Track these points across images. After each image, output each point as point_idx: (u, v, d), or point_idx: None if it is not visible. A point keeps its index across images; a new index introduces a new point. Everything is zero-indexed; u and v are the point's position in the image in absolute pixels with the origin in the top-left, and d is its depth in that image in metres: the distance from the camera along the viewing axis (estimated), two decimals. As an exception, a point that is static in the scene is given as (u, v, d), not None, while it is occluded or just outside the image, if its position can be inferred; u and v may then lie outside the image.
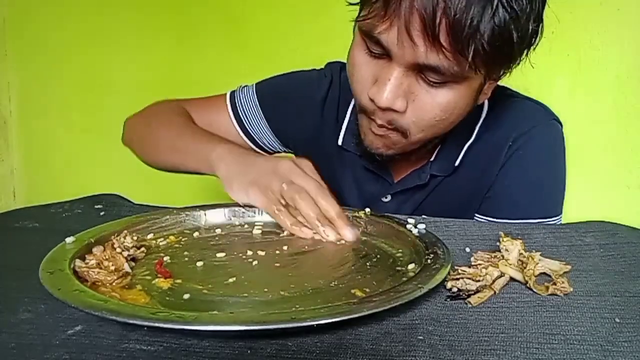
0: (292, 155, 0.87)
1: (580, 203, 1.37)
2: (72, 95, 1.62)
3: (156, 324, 0.36)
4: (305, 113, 0.83)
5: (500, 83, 0.69)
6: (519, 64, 0.64)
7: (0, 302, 0.43)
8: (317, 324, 0.37)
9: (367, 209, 0.64)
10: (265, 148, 0.87)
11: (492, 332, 0.39)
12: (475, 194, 0.75)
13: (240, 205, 0.65)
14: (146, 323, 0.36)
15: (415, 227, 0.57)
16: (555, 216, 0.73)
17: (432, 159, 0.75)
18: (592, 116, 1.32)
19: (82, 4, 1.56)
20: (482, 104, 0.72)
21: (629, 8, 1.26)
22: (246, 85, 0.88)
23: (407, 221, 0.59)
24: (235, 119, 0.85)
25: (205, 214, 0.64)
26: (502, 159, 0.73)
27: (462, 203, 0.74)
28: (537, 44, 0.62)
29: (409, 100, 0.61)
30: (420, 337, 0.39)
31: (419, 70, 0.59)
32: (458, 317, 0.42)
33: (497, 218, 0.72)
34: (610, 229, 0.60)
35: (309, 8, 1.37)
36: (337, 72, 0.84)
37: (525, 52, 0.61)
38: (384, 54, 0.60)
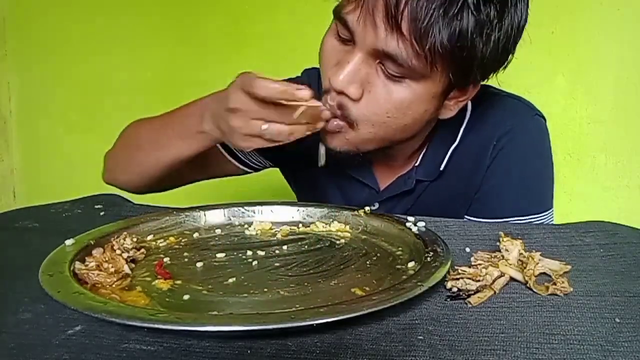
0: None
1: (580, 203, 1.38)
2: (72, 95, 1.62)
3: (156, 325, 0.36)
4: None
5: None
6: (486, 80, 0.64)
7: (0, 302, 0.43)
8: (317, 324, 0.37)
9: (367, 208, 0.64)
10: (252, 165, 0.85)
11: (492, 332, 0.39)
12: (463, 196, 0.75)
13: (241, 205, 0.65)
14: (146, 324, 0.36)
15: (415, 225, 0.57)
16: (546, 211, 0.73)
17: (416, 163, 0.75)
18: (592, 116, 1.32)
19: (82, 5, 1.56)
20: (465, 106, 0.72)
21: (629, 8, 1.26)
22: None
23: (406, 219, 0.59)
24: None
25: (204, 215, 0.64)
26: (487, 159, 0.72)
27: (450, 206, 0.74)
28: (506, 66, 0.63)
29: (365, 90, 0.61)
30: (420, 337, 0.39)
31: (380, 59, 0.59)
32: (458, 317, 0.42)
33: (487, 218, 0.72)
34: (610, 229, 0.60)
35: (309, 8, 1.37)
36: (314, 79, 0.82)
37: (493, 70, 0.62)
38: (350, 40, 0.61)
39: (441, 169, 0.73)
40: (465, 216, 0.75)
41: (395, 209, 0.77)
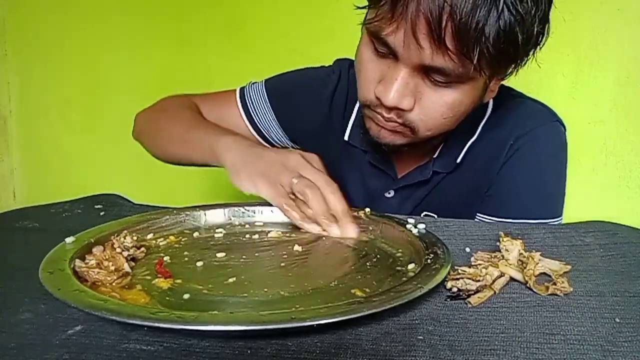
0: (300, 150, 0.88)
1: (580, 203, 1.37)
2: (72, 95, 1.62)
3: (156, 324, 0.36)
4: (313, 108, 0.84)
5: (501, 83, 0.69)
6: (525, 63, 0.64)
7: (0, 302, 0.43)
8: (317, 324, 0.37)
9: (367, 209, 0.64)
10: (273, 142, 0.89)
11: (492, 332, 0.39)
12: (477, 191, 0.75)
13: (241, 205, 0.65)
14: (146, 323, 0.36)
15: (415, 227, 0.57)
16: (555, 217, 0.74)
17: (435, 155, 0.76)
18: (592, 116, 1.32)
19: (82, 5, 1.56)
20: (487, 103, 0.73)
21: (629, 8, 1.26)
22: (255, 82, 0.89)
23: (407, 221, 0.59)
24: (245, 113, 0.86)
25: (205, 214, 0.64)
26: (503, 157, 0.73)
27: (463, 200, 0.75)
28: (544, 43, 0.63)
29: (416, 99, 0.62)
30: (420, 337, 0.39)
31: (425, 71, 0.60)
32: (458, 317, 0.42)
33: (497, 217, 0.72)
34: (610, 229, 0.60)
35: (309, 8, 1.37)
36: (345, 69, 0.85)
37: (532, 52, 0.62)
38: (391, 54, 0.61)
39: (458, 161, 0.74)
40: (477, 214, 0.75)
41: (410, 198, 0.78)
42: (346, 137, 0.81)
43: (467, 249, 0.55)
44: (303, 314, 0.38)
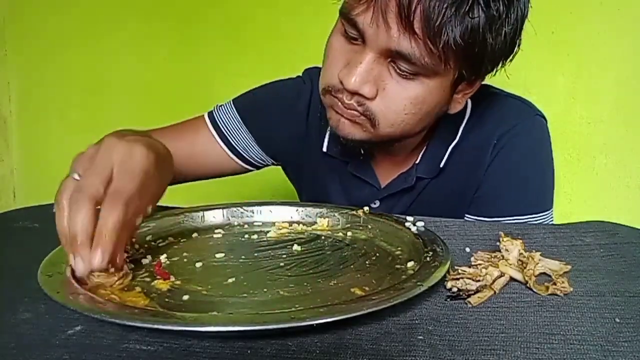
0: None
1: (580, 203, 1.38)
2: (71, 95, 1.62)
3: (156, 326, 0.36)
4: (289, 122, 0.82)
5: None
6: (494, 73, 0.64)
7: (0, 302, 0.43)
8: (317, 324, 0.37)
9: (366, 208, 0.64)
10: (254, 162, 0.85)
11: (492, 332, 0.39)
12: (463, 194, 0.75)
13: (240, 205, 0.65)
14: (146, 325, 0.36)
15: (414, 225, 0.57)
16: (546, 211, 0.73)
17: (417, 161, 0.75)
18: (592, 116, 1.32)
19: (82, 5, 1.56)
20: (466, 104, 0.72)
21: (629, 8, 1.26)
22: (222, 104, 0.85)
23: (405, 219, 0.59)
24: (219, 136, 0.81)
25: (203, 215, 0.64)
26: (487, 158, 0.73)
27: (450, 204, 0.74)
28: (513, 57, 0.63)
29: (379, 88, 0.61)
30: (420, 337, 0.39)
31: (391, 58, 0.59)
32: (458, 317, 0.42)
33: (487, 217, 0.72)
34: (610, 229, 0.60)
35: (309, 8, 1.37)
36: (316, 78, 0.81)
37: (501, 62, 0.63)
38: (360, 40, 0.60)
39: (441, 166, 0.74)
40: (466, 215, 0.75)
41: (396, 207, 0.77)
42: (324, 149, 0.79)
43: (467, 249, 0.55)
44: (303, 314, 0.38)
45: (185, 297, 0.44)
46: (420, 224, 0.57)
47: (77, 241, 0.42)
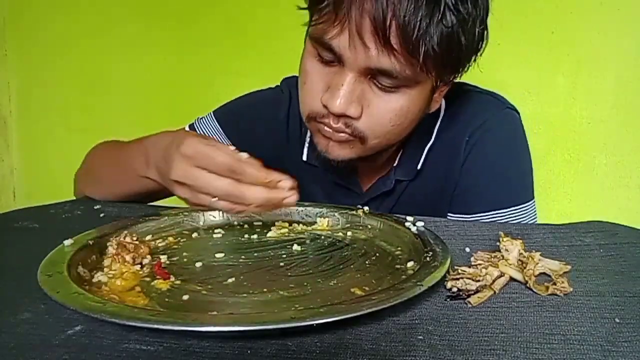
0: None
1: (580, 203, 1.38)
2: (71, 95, 1.62)
3: (156, 326, 0.36)
4: (270, 132, 0.82)
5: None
6: (467, 69, 0.65)
7: (0, 302, 0.43)
8: (316, 324, 0.37)
9: (366, 208, 0.64)
10: None
11: (492, 332, 0.39)
12: (443, 194, 0.75)
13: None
14: (146, 325, 0.36)
15: (414, 224, 0.57)
16: (527, 202, 0.73)
17: (395, 164, 0.76)
18: (592, 116, 1.32)
19: (82, 5, 1.56)
20: (439, 105, 0.72)
21: (629, 8, 1.26)
22: (202, 116, 0.85)
23: (405, 219, 0.59)
24: None
25: (203, 215, 0.64)
26: (461, 155, 0.73)
27: (431, 205, 0.74)
28: (483, 50, 0.63)
29: (363, 106, 0.62)
30: (420, 337, 0.39)
31: (372, 75, 0.60)
32: (458, 317, 0.42)
33: (469, 214, 0.72)
34: (610, 229, 0.60)
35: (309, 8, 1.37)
36: (294, 87, 0.81)
37: (474, 57, 0.63)
38: (336, 61, 0.61)
39: (418, 168, 0.74)
40: (448, 214, 0.75)
41: (378, 210, 0.77)
42: (304, 158, 0.79)
43: (467, 249, 0.55)
44: (303, 314, 0.38)
45: (185, 297, 0.44)
46: (420, 224, 0.57)
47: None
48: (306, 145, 0.79)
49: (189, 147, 0.51)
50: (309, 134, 0.80)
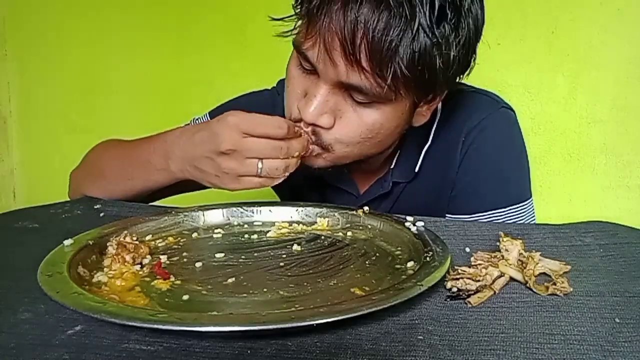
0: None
1: (580, 203, 1.38)
2: (72, 95, 1.62)
3: (155, 326, 0.36)
4: None
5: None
6: (450, 88, 0.64)
7: (0, 302, 0.43)
8: (317, 324, 0.37)
9: (366, 207, 0.64)
10: None
11: (492, 332, 0.39)
12: (440, 195, 0.75)
13: (239, 205, 0.65)
14: (146, 325, 0.36)
15: (414, 224, 0.57)
16: (524, 201, 0.73)
17: (392, 166, 0.76)
18: (592, 116, 1.32)
19: (82, 4, 1.56)
20: (437, 106, 0.72)
21: (629, 8, 1.26)
22: (198, 117, 0.86)
23: (405, 219, 0.59)
24: None
25: (203, 215, 0.64)
26: (458, 156, 0.73)
27: (429, 206, 0.74)
28: (469, 71, 0.63)
29: (336, 117, 0.62)
30: (420, 337, 0.39)
31: (345, 88, 0.60)
32: (458, 317, 0.42)
33: (466, 215, 0.72)
34: (610, 229, 0.60)
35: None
36: None
37: (457, 78, 0.63)
38: (314, 71, 0.61)
39: (416, 170, 0.74)
40: (446, 215, 0.75)
41: None
42: None
43: (467, 249, 0.55)
44: (303, 314, 0.38)
45: (185, 297, 0.44)
46: (420, 224, 0.57)
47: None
48: None
49: (234, 116, 0.58)
50: None
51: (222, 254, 0.54)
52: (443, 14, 0.55)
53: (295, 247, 0.56)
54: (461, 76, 0.63)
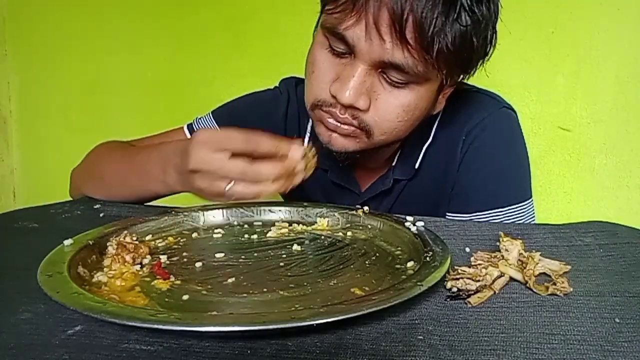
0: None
1: (580, 203, 1.38)
2: (72, 95, 1.62)
3: (155, 326, 0.36)
4: (268, 132, 0.82)
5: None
6: (474, 73, 0.66)
7: (0, 302, 0.43)
8: (316, 324, 0.36)
9: (366, 208, 0.64)
10: None
11: (492, 332, 0.39)
12: (441, 193, 0.75)
13: (239, 205, 0.65)
14: (146, 325, 0.36)
15: (414, 224, 0.57)
16: (524, 201, 0.73)
17: (393, 163, 0.76)
18: (592, 116, 1.32)
19: (82, 4, 1.56)
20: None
21: (629, 8, 1.26)
22: (201, 116, 0.86)
23: (405, 219, 0.59)
24: None
25: (203, 215, 0.64)
26: (459, 155, 0.73)
27: (429, 204, 0.75)
28: (491, 55, 0.64)
29: (371, 99, 0.62)
30: (420, 337, 0.39)
31: (382, 69, 0.60)
32: (458, 317, 0.42)
33: (467, 213, 0.73)
34: (610, 229, 0.60)
35: (309, 8, 1.37)
36: (292, 88, 0.84)
37: (481, 61, 0.64)
38: (347, 53, 0.61)
39: (416, 167, 0.75)
40: (447, 213, 0.75)
41: (377, 210, 0.77)
42: None
43: (467, 249, 0.55)
44: (303, 314, 0.38)
45: (185, 297, 0.44)
46: (420, 224, 0.57)
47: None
48: (305, 145, 0.79)
49: (203, 134, 0.56)
50: (307, 134, 0.80)
51: (222, 254, 0.54)
52: None
53: (295, 247, 0.56)
54: (486, 58, 0.64)
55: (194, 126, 0.85)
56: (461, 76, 0.65)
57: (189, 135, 0.83)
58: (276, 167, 0.55)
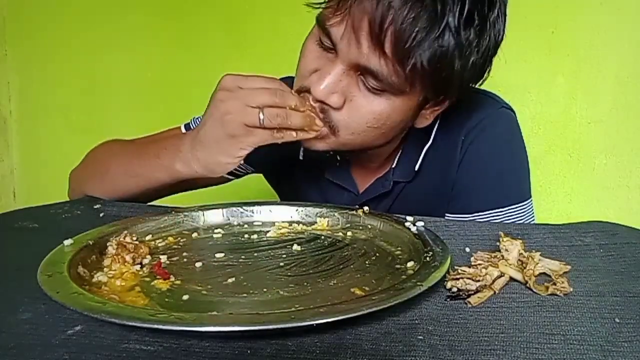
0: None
1: (580, 203, 1.38)
2: (72, 95, 1.62)
3: (155, 326, 0.36)
4: None
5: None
6: (460, 95, 0.65)
7: (0, 302, 0.43)
8: (317, 324, 0.36)
9: (366, 207, 0.64)
10: (233, 171, 0.82)
11: (492, 332, 0.39)
12: (440, 194, 0.75)
13: (239, 205, 0.65)
14: (146, 325, 0.36)
15: (414, 224, 0.57)
16: (524, 201, 0.73)
17: (393, 165, 0.76)
18: (592, 116, 1.32)
19: (83, 5, 1.56)
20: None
21: (629, 8, 1.26)
22: (198, 116, 0.83)
23: (405, 219, 0.59)
24: None
25: (203, 215, 0.64)
26: (458, 155, 0.73)
27: (429, 205, 0.74)
28: (482, 82, 0.64)
29: (346, 100, 0.62)
30: (420, 337, 0.39)
31: (360, 72, 0.60)
32: (458, 317, 0.42)
33: (467, 214, 0.73)
34: (610, 229, 0.60)
35: (309, 8, 1.37)
36: (290, 87, 0.83)
37: (471, 85, 0.64)
38: (332, 49, 0.61)
39: (416, 169, 0.74)
40: (446, 214, 0.75)
41: (375, 210, 0.77)
42: (300, 156, 0.78)
43: (467, 249, 0.55)
44: (303, 314, 0.38)
45: (185, 297, 0.44)
46: (420, 224, 0.57)
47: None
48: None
49: (229, 74, 0.63)
50: None
51: (222, 254, 0.54)
52: (470, 19, 0.56)
53: (295, 247, 0.56)
54: (473, 85, 0.64)
55: (191, 125, 0.84)
56: (441, 97, 0.64)
57: None
58: (301, 116, 0.61)
